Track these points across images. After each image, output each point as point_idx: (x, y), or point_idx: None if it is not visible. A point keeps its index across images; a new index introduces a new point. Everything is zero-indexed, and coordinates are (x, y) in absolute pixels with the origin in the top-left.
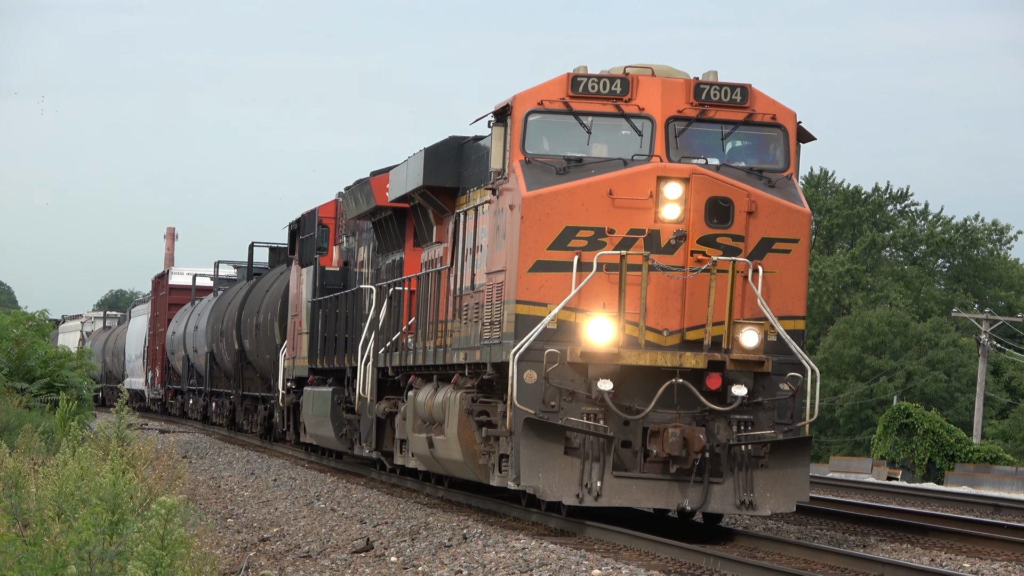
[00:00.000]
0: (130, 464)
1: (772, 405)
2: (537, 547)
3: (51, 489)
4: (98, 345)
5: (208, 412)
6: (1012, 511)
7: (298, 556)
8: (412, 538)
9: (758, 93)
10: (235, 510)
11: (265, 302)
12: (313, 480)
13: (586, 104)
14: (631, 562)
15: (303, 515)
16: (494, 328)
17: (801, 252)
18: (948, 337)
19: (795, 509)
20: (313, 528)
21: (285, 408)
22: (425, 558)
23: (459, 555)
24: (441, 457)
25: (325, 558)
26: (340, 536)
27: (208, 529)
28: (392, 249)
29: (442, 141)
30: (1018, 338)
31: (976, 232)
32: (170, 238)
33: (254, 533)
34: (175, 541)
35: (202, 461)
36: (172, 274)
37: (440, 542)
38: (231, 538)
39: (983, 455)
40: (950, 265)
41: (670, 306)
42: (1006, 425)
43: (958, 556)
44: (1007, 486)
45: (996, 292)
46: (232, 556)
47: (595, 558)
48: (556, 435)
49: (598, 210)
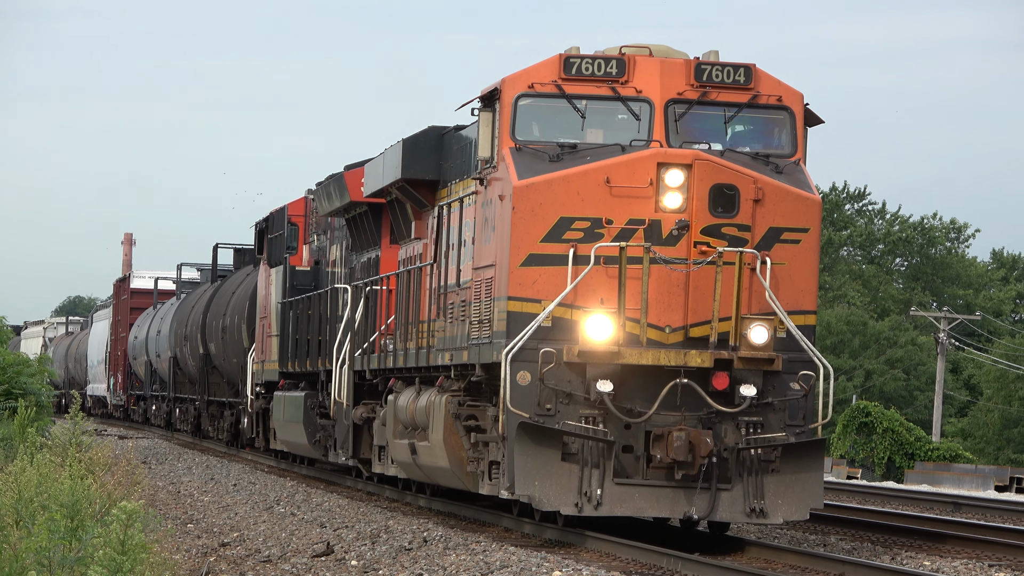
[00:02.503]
0: (89, 470)
1: (783, 406)
2: (498, 549)
3: (9, 496)
4: (60, 351)
5: (172, 418)
6: (972, 509)
7: (258, 561)
8: (372, 542)
9: (763, 73)
10: (195, 515)
11: (232, 304)
12: (273, 485)
13: (580, 87)
14: (592, 563)
15: (263, 520)
16: (483, 327)
17: (811, 242)
18: (907, 336)
19: (808, 517)
20: (273, 533)
21: (254, 413)
22: (386, 561)
23: (419, 558)
24: (425, 464)
25: (285, 562)
26: (300, 540)
27: (168, 534)
28: (367, 247)
29: (421, 131)
30: (976, 336)
31: (934, 231)
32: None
33: (214, 538)
34: (135, 546)
35: (161, 467)
36: (134, 278)
37: (400, 545)
38: (191, 543)
39: (943, 453)
40: (908, 264)
41: (672, 301)
42: (965, 423)
43: (919, 555)
44: (967, 484)
45: (954, 290)
46: (192, 561)
47: (556, 560)
48: (553, 440)
49: (595, 199)
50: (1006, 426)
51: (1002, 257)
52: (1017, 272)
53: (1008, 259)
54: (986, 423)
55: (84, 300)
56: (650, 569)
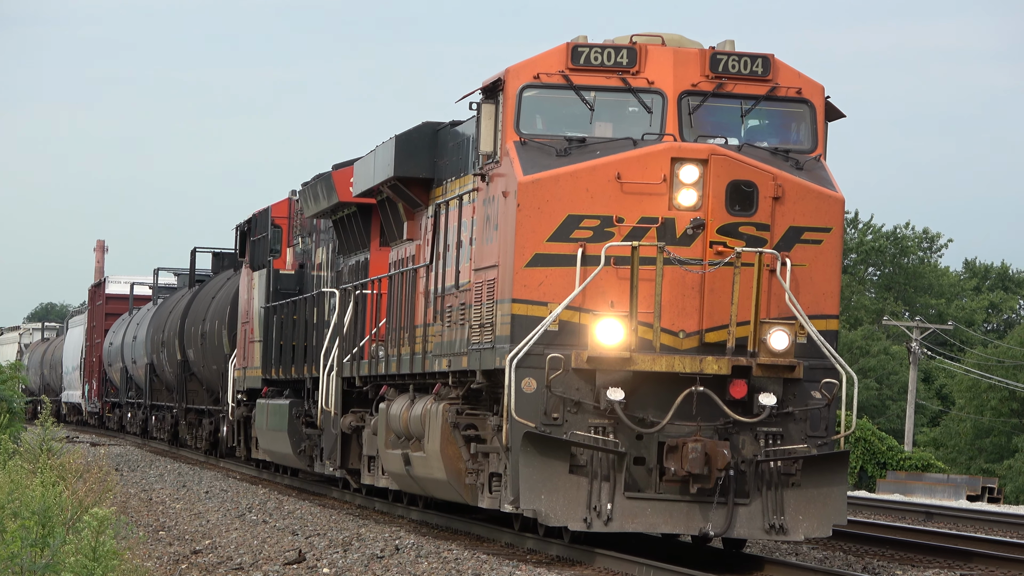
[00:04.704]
0: (61, 477)
1: (804, 416)
2: (470, 557)
3: None
4: (35, 357)
5: (148, 426)
6: (944, 519)
7: (230, 568)
8: (344, 549)
9: (781, 64)
10: (167, 522)
11: (211, 309)
12: (245, 492)
13: (588, 78)
14: (563, 572)
15: (235, 527)
16: (485, 331)
17: (834, 243)
18: (879, 345)
19: (831, 534)
20: (245, 540)
21: (235, 422)
22: (357, 569)
23: (391, 566)
24: (420, 476)
25: (257, 570)
26: (272, 548)
27: (140, 541)
28: (356, 249)
29: (415, 128)
30: (949, 346)
31: (906, 240)
32: (100, 251)
33: (186, 545)
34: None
35: (133, 474)
36: (109, 283)
37: (372, 553)
38: (163, 550)
39: (915, 463)
40: (880, 273)
41: (687, 304)
42: (937, 432)
43: (891, 564)
44: (939, 493)
45: (927, 300)
46: (164, 568)
47: (528, 568)
48: (560, 451)
49: (605, 196)
50: (978, 436)
51: (975, 267)
52: (989, 282)
53: (980, 269)
54: (958, 433)
55: (56, 306)
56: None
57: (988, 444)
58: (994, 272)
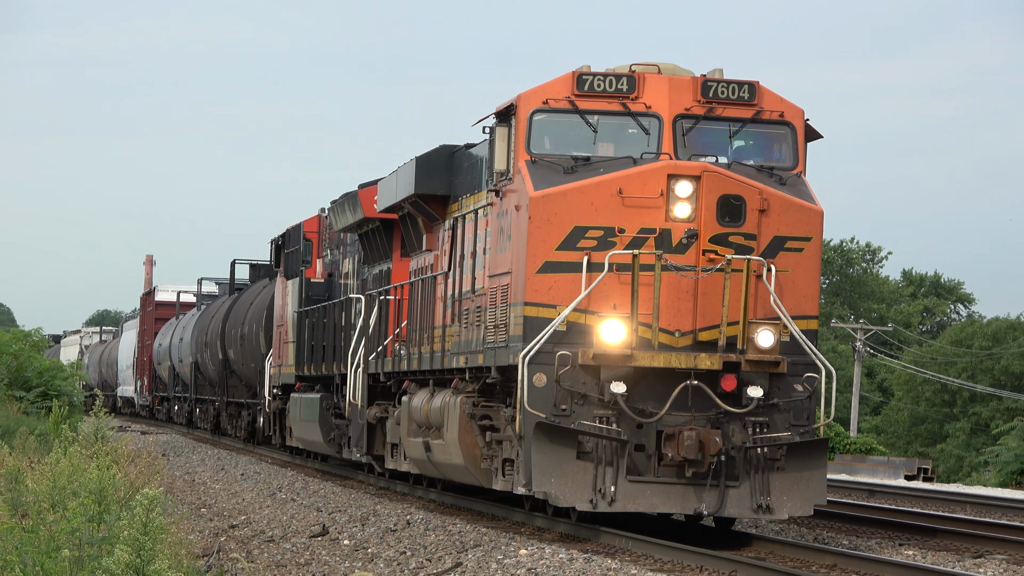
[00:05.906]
0: (114, 461)
1: (788, 407)
2: (472, 531)
3: (45, 484)
4: (94, 357)
5: (193, 417)
6: (884, 495)
7: (263, 540)
8: (363, 524)
9: (766, 90)
10: (208, 501)
11: (250, 314)
12: (276, 474)
13: (592, 103)
14: (553, 543)
15: (267, 505)
16: (499, 331)
17: (814, 251)
18: (828, 344)
19: (812, 512)
20: (276, 516)
21: (271, 413)
22: (374, 541)
23: (403, 538)
24: (439, 461)
25: (287, 542)
26: (299, 523)
27: (184, 517)
28: (379, 259)
29: (433, 150)
30: (888, 345)
31: (851, 252)
32: (149, 264)
33: (224, 521)
34: (156, 528)
35: (179, 459)
36: (158, 291)
37: (387, 527)
38: (204, 525)
39: (859, 447)
40: (829, 282)
41: (682, 306)
42: (879, 421)
43: (838, 535)
44: (880, 473)
45: (869, 305)
46: (205, 541)
47: (522, 540)
48: (568, 439)
49: (608, 209)
50: (914, 423)
51: (911, 276)
52: (924, 289)
53: (916, 278)
54: (897, 421)
55: (111, 313)
56: (604, 548)
57: (923, 431)
58: (928, 280)
